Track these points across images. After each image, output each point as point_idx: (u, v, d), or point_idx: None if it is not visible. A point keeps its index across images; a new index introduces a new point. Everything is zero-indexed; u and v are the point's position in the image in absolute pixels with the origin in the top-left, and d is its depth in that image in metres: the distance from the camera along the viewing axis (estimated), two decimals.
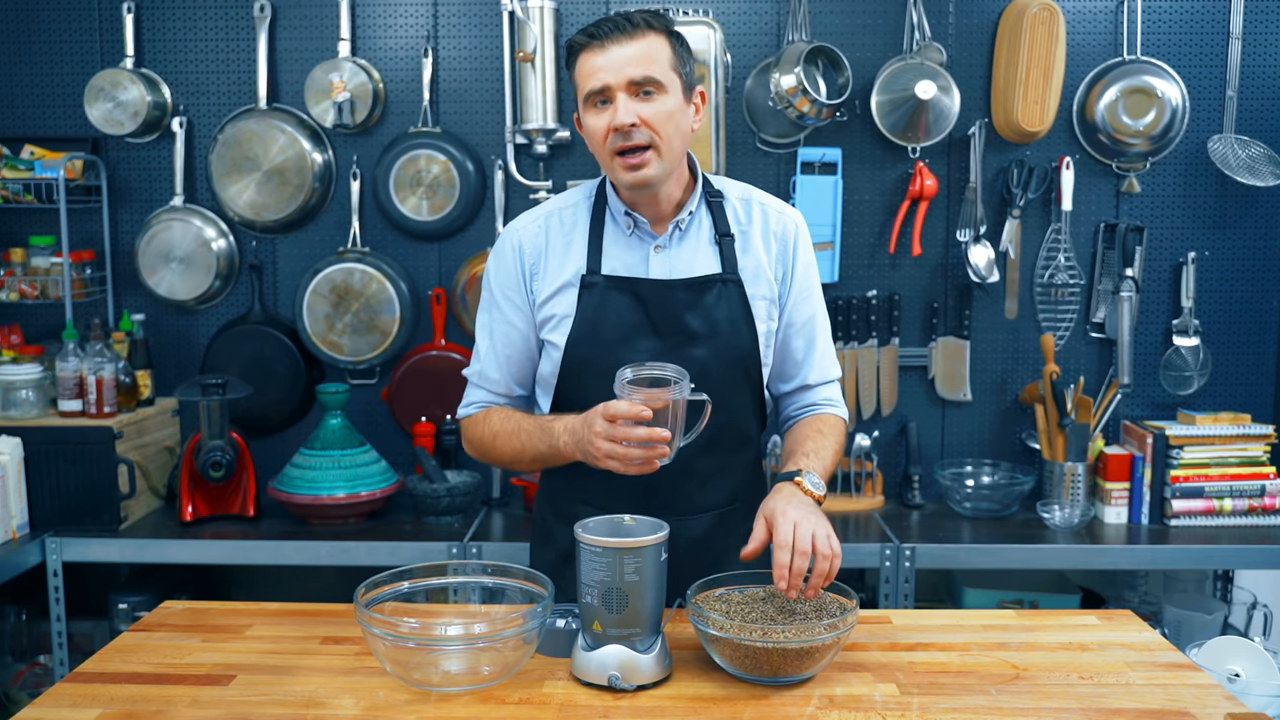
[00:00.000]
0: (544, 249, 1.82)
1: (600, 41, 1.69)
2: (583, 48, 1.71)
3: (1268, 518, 2.87)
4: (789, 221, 1.85)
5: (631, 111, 1.67)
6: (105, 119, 2.99)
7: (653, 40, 1.70)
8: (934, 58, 2.93)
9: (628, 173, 1.70)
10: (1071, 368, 3.07)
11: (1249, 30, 2.98)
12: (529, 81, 2.94)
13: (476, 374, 1.88)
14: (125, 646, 1.62)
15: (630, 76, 1.67)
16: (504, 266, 1.84)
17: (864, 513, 2.97)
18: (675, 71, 1.72)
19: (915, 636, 1.66)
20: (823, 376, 1.89)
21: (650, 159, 1.69)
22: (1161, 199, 3.06)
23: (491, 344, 1.85)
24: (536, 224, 1.84)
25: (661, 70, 1.69)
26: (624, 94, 1.68)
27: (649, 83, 1.68)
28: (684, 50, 1.75)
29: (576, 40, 1.72)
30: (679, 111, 1.72)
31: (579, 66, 1.73)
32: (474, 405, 1.89)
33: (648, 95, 1.69)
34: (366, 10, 3.04)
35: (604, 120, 1.69)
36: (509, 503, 3.05)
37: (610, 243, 1.80)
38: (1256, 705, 1.57)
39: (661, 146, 1.70)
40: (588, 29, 1.71)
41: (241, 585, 3.26)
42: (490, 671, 1.46)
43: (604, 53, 1.68)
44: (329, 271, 3.00)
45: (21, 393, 2.80)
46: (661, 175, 1.72)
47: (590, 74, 1.69)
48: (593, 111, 1.71)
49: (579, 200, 1.85)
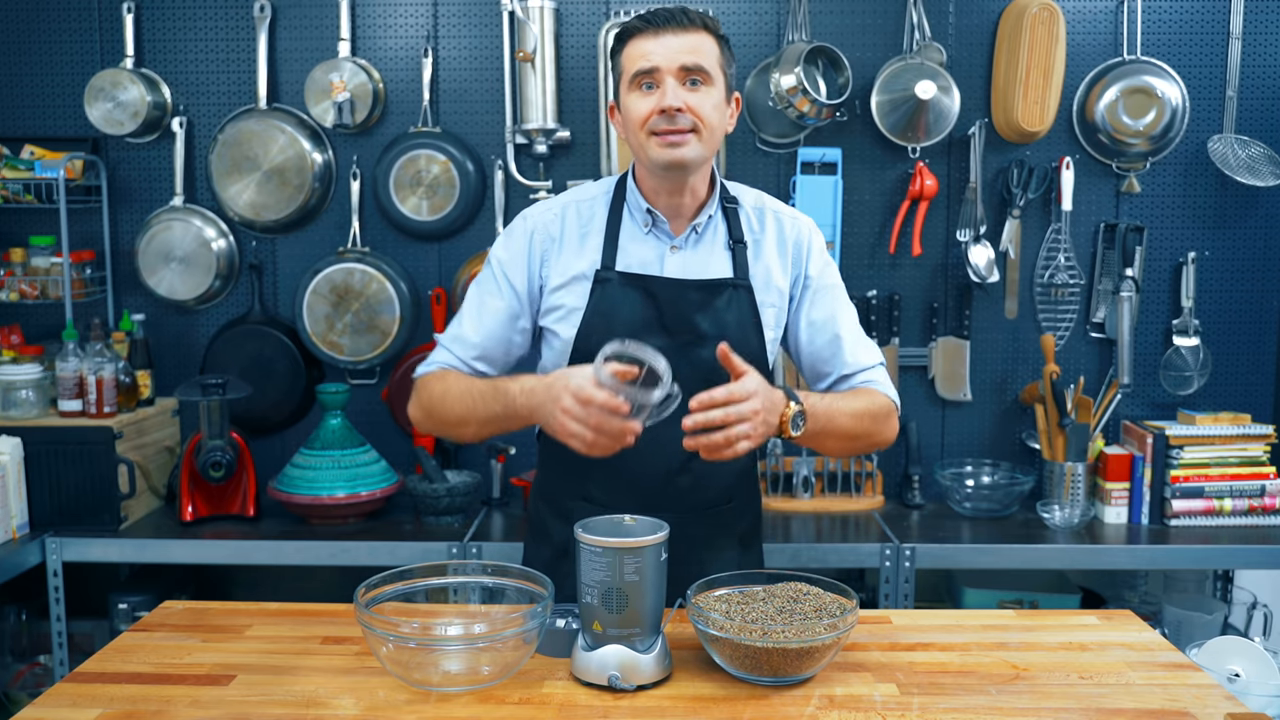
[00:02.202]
0: (559, 238, 1.82)
1: (655, 28, 1.71)
2: (636, 32, 1.73)
3: (1268, 518, 2.87)
4: (802, 228, 1.87)
5: (679, 96, 1.69)
6: (105, 119, 2.99)
7: (705, 37, 1.73)
8: (934, 58, 2.93)
9: (665, 150, 1.71)
10: (1071, 368, 3.07)
11: (1249, 30, 2.98)
12: (529, 81, 2.94)
13: (450, 338, 1.85)
14: (125, 646, 1.62)
15: (682, 62, 1.70)
16: (513, 248, 1.83)
17: (864, 513, 2.97)
18: (722, 70, 1.75)
19: (915, 636, 1.66)
20: (858, 364, 1.85)
21: (690, 140, 1.71)
22: (1161, 199, 3.06)
23: (479, 313, 1.83)
24: (553, 212, 1.84)
25: (710, 64, 1.72)
26: (673, 78, 1.70)
27: (698, 71, 1.70)
28: (730, 54, 1.78)
29: (631, 25, 1.74)
30: (722, 106, 1.75)
31: (628, 50, 1.74)
32: (434, 365, 1.85)
33: (695, 85, 1.71)
34: (366, 10, 3.04)
35: (649, 103, 1.71)
36: (509, 502, 3.05)
37: (627, 239, 1.81)
38: (1256, 705, 1.57)
39: (704, 132, 1.72)
40: (643, 15, 1.73)
41: (241, 585, 3.26)
42: (490, 671, 1.46)
43: (657, 38, 1.71)
44: (329, 271, 3.00)
45: (21, 393, 2.80)
46: (697, 159, 1.73)
47: (641, 55, 1.71)
48: (637, 93, 1.73)
49: (598, 194, 1.86)
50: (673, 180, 1.76)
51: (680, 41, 1.70)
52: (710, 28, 1.74)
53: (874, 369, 1.87)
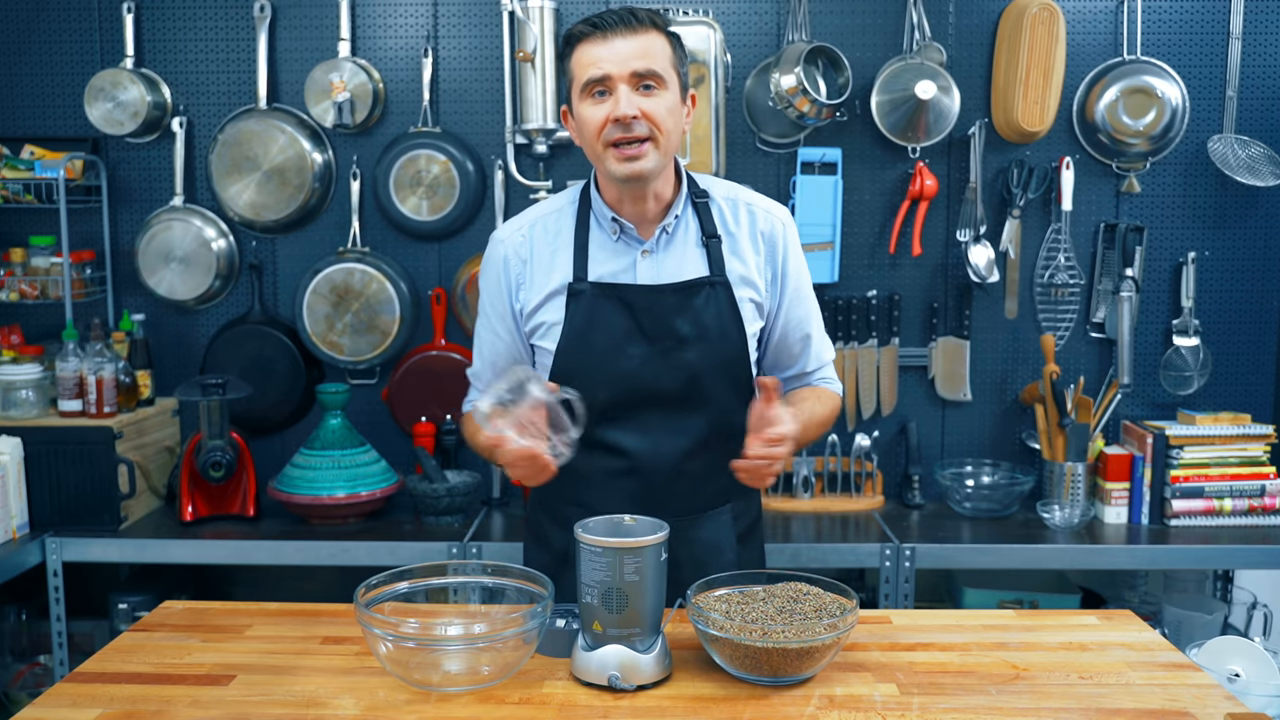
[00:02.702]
0: (530, 258, 1.82)
1: (603, 32, 1.67)
2: (583, 37, 1.70)
3: (1268, 518, 2.87)
4: (776, 221, 1.85)
5: (633, 103, 1.66)
6: (105, 119, 2.99)
7: (655, 37, 1.70)
8: (934, 58, 2.93)
9: (623, 164, 1.69)
10: (1071, 368, 3.07)
11: (1249, 30, 2.98)
12: (529, 81, 2.94)
13: (473, 374, 1.94)
14: (125, 646, 1.62)
15: (633, 68, 1.66)
16: (490, 278, 1.85)
17: (864, 513, 2.97)
18: (675, 70, 1.72)
19: (915, 636, 1.66)
20: (819, 363, 1.93)
21: (648, 150, 1.69)
22: (1161, 199, 3.06)
23: (480, 350, 1.90)
24: (521, 233, 1.84)
25: (663, 66, 1.69)
26: (625, 85, 1.67)
27: (651, 76, 1.67)
28: (682, 51, 1.76)
29: (577, 30, 1.71)
30: (677, 108, 1.72)
31: (578, 56, 1.71)
32: (469, 404, 1.95)
33: (648, 89, 1.68)
34: (366, 10, 3.04)
35: (602, 111, 1.68)
36: (509, 503, 3.05)
37: (596, 249, 1.80)
38: (1256, 705, 1.57)
39: (660, 140, 1.69)
40: (589, 19, 1.70)
41: (241, 585, 3.26)
42: (490, 671, 1.46)
43: (606, 44, 1.67)
44: (329, 271, 3.00)
45: (21, 393, 2.80)
46: (656, 169, 1.72)
47: (591, 63, 1.68)
48: (589, 101, 1.69)
49: (563, 206, 1.85)
50: (634, 189, 1.75)
51: (630, 45, 1.66)
52: (659, 25, 1.71)
53: (829, 365, 1.97)
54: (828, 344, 1.96)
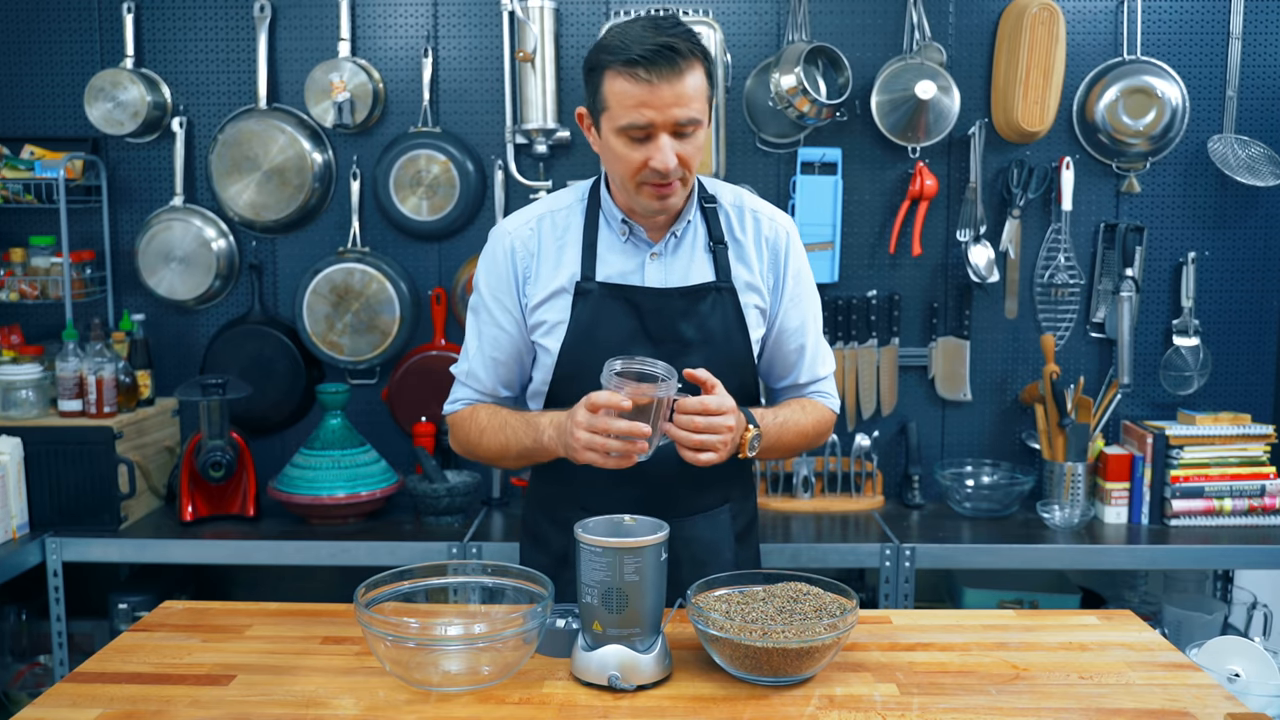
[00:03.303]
0: (537, 252, 1.81)
1: (650, 82, 1.60)
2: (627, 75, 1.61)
3: (1268, 518, 2.87)
4: (780, 229, 1.86)
5: (673, 154, 1.64)
6: (105, 119, 2.99)
7: (695, 72, 1.63)
8: (934, 58, 2.93)
9: (656, 201, 1.70)
10: (1071, 368, 3.07)
11: (1249, 30, 2.98)
12: (529, 81, 2.94)
13: (464, 373, 1.89)
14: (125, 646, 1.62)
15: (676, 119, 1.63)
16: (495, 269, 1.83)
17: (864, 513, 2.97)
18: (708, 101, 1.68)
19: (915, 636, 1.66)
20: (813, 376, 1.91)
21: (677, 188, 1.70)
22: (1161, 199, 3.06)
23: (480, 345, 1.85)
24: (529, 226, 1.82)
25: (701, 105, 1.65)
26: (667, 135, 1.64)
27: (691, 123, 1.65)
28: (712, 67, 1.71)
29: (620, 66, 1.61)
30: (706, 137, 1.72)
31: (617, 90, 1.63)
32: (460, 402, 1.90)
33: (685, 136, 1.66)
34: (366, 10, 3.04)
35: (640, 155, 1.65)
36: (509, 503, 3.05)
37: (605, 248, 1.80)
38: (1256, 705, 1.57)
39: (689, 178, 1.71)
40: (633, 59, 1.60)
41: (241, 585, 3.26)
42: (490, 671, 1.46)
43: (652, 90, 1.61)
44: (329, 271, 3.00)
45: (21, 393, 2.80)
46: (681, 201, 1.74)
47: (634, 108, 1.62)
48: (626, 142, 1.65)
49: (572, 203, 1.84)
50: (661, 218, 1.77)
51: (675, 91, 1.60)
52: (698, 55, 1.64)
53: (826, 380, 1.94)
54: (826, 357, 1.93)
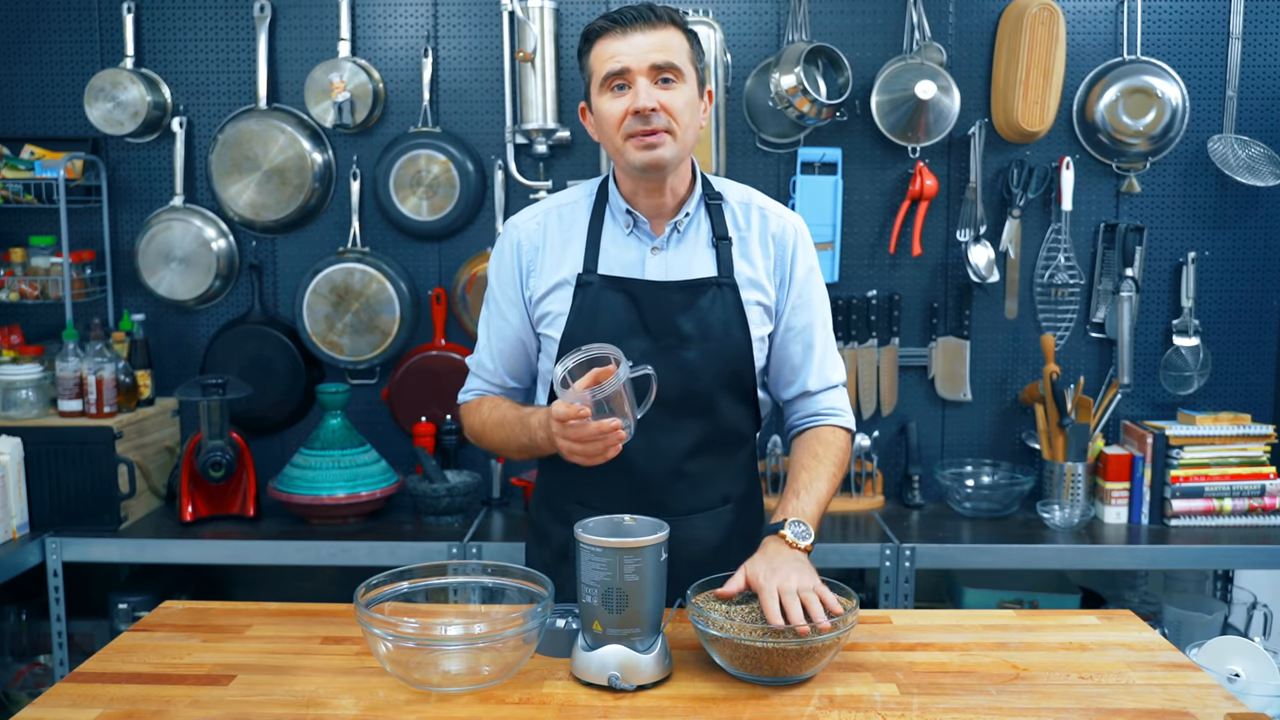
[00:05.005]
0: (542, 245, 1.83)
1: (622, 27, 1.70)
2: (602, 33, 1.72)
3: (1268, 518, 2.87)
4: (788, 226, 1.85)
5: (652, 96, 1.68)
6: (105, 119, 2.99)
7: (673, 32, 1.72)
8: (934, 58, 2.93)
9: (642, 152, 1.70)
10: (1071, 368, 3.07)
11: (1249, 30, 2.98)
12: (529, 81, 2.94)
13: (475, 363, 1.92)
14: (125, 646, 1.62)
15: (653, 61, 1.69)
16: (502, 263, 1.86)
17: (864, 513, 2.97)
18: (692, 65, 1.74)
19: (915, 636, 1.66)
20: (823, 383, 1.87)
21: (665, 140, 1.70)
22: (1161, 199, 3.06)
23: (489, 337, 1.89)
24: (535, 220, 1.85)
25: (681, 60, 1.71)
26: (644, 78, 1.69)
27: (670, 69, 1.69)
28: (699, 48, 1.77)
29: (596, 25, 1.73)
30: (695, 102, 1.74)
31: (597, 51, 1.73)
32: (470, 392, 1.93)
33: (667, 83, 1.70)
34: (366, 10, 3.04)
35: (621, 104, 1.70)
36: (509, 503, 3.05)
37: (609, 242, 1.81)
38: (1256, 705, 1.57)
39: (677, 132, 1.71)
40: (608, 15, 1.72)
41: (241, 585, 3.26)
42: (490, 671, 1.46)
43: (625, 38, 1.69)
44: (329, 271, 3.00)
45: (21, 393, 2.80)
46: (674, 159, 1.73)
47: (610, 56, 1.70)
48: (609, 95, 1.72)
49: (580, 198, 1.86)
50: (651, 181, 1.76)
51: (649, 40, 1.69)
52: (678, 23, 1.73)
53: (837, 389, 1.89)
54: (835, 362, 1.88)
